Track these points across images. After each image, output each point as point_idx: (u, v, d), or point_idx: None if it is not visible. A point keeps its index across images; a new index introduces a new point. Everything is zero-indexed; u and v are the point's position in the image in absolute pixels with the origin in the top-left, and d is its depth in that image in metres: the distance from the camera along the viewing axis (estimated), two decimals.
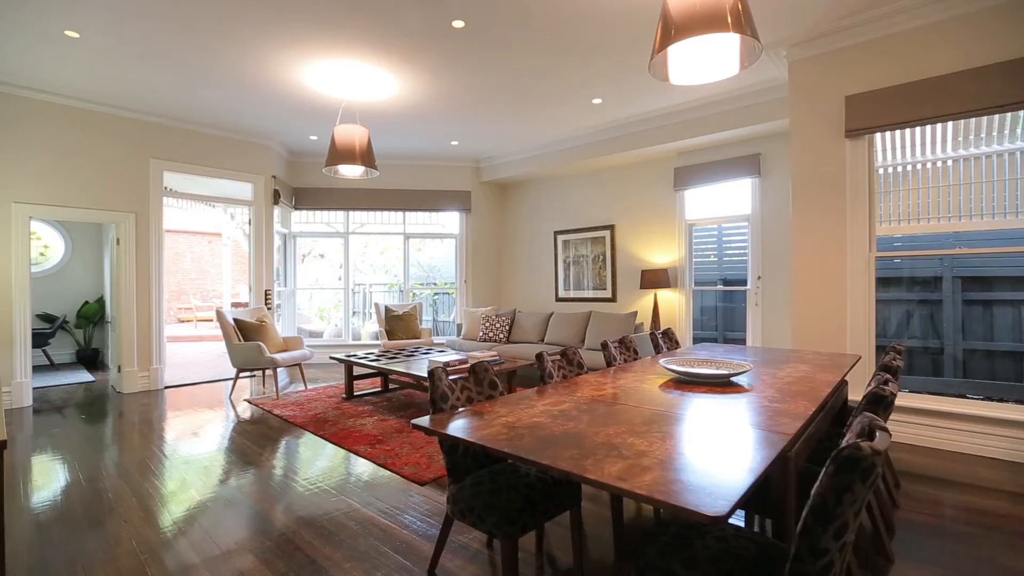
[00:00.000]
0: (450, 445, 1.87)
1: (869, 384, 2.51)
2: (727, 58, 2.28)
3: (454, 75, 4.54)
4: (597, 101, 5.24)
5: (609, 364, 2.94)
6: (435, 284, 10.02)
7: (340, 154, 4.52)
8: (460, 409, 1.85)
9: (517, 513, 1.66)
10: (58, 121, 5.02)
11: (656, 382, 2.28)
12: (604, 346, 2.97)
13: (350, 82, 4.62)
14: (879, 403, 1.56)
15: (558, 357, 2.61)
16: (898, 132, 3.79)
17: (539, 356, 2.45)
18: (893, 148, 3.90)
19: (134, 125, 5.47)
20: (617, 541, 2.04)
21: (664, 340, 3.58)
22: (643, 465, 1.23)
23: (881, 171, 3.87)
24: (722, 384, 2.22)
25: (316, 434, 3.85)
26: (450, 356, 4.51)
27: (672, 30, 2.05)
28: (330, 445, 3.62)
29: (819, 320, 3.95)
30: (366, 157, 4.58)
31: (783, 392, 2.04)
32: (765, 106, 5.04)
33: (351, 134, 4.53)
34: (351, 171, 4.78)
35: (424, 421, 1.67)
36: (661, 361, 2.49)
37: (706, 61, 2.32)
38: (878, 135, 3.82)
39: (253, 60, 4.22)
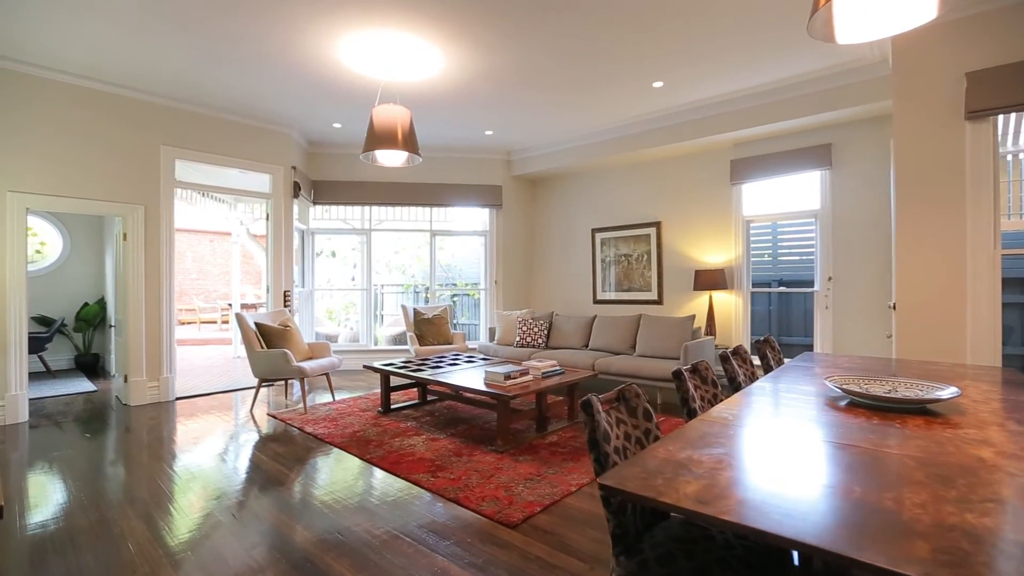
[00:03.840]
0: (619, 503, 1.38)
1: None
2: (916, 2, 1.80)
3: (507, 50, 4.05)
4: (658, 84, 4.76)
5: (732, 381, 2.46)
6: (455, 285, 9.51)
7: (380, 138, 4.02)
8: (635, 453, 1.35)
9: None
10: (60, 101, 4.47)
11: (829, 406, 1.79)
12: (725, 359, 2.49)
13: (390, 58, 4.11)
14: None
15: (690, 374, 2.12)
16: (1000, 117, 3.36)
17: (677, 373, 1.97)
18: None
19: (144, 108, 4.94)
20: None
21: (769, 350, 3.09)
22: None
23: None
24: (918, 412, 1.74)
25: (361, 458, 3.33)
26: (507, 367, 4.00)
27: None
28: (382, 473, 3.11)
29: (931, 326, 3.48)
30: (409, 141, 4.08)
31: None
32: (839, 91, 4.58)
33: (392, 115, 4.03)
34: (392, 159, 4.27)
35: (616, 481, 1.17)
36: (827, 381, 2.01)
37: (879, 11, 1.83)
38: (1000, 117, 3.37)
39: (283, 30, 3.70)
